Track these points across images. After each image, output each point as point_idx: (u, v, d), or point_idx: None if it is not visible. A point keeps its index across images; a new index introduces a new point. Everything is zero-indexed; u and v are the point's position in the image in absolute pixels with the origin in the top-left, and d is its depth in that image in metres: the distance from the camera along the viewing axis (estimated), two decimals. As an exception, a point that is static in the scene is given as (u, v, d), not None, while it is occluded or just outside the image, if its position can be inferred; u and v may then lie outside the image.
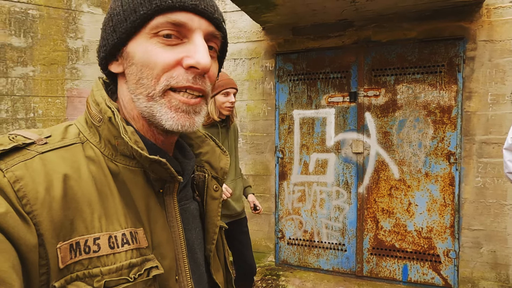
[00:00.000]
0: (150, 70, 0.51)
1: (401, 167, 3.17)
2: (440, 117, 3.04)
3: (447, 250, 3.05)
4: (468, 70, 2.96)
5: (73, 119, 3.21)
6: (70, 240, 0.45)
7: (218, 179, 0.68)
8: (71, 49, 3.20)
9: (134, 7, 0.51)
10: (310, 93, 3.45)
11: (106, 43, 0.55)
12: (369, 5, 2.89)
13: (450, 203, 3.03)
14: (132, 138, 0.51)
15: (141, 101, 0.53)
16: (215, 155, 0.69)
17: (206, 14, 0.52)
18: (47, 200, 0.44)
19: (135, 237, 0.50)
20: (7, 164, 0.44)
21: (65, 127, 0.55)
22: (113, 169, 0.52)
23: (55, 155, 0.48)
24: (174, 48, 0.51)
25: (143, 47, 0.51)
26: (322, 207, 3.45)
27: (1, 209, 0.40)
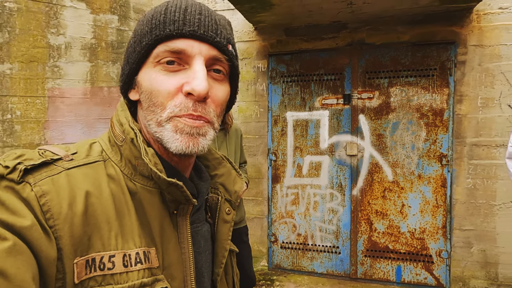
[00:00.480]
0: (155, 98, 0.53)
1: (395, 169, 3.19)
2: (432, 119, 3.09)
3: (439, 250, 3.11)
4: (459, 74, 3.02)
5: (54, 121, 3.00)
6: (86, 256, 0.46)
7: (231, 202, 0.68)
8: (52, 46, 2.98)
9: (140, 38, 0.55)
10: (303, 95, 3.41)
11: (123, 73, 0.59)
12: (365, 8, 2.88)
13: (442, 204, 3.09)
14: (152, 160, 0.52)
15: (152, 126, 0.55)
16: (231, 177, 0.69)
17: (205, 38, 0.53)
18: (69, 216, 0.45)
19: (147, 256, 0.51)
20: (35, 179, 0.46)
21: (89, 144, 0.57)
22: (132, 188, 0.54)
23: (79, 171, 0.50)
24: (176, 75, 0.53)
25: (148, 76, 0.54)
26: (316, 209, 3.42)
27: (28, 222, 0.42)
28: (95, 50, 3.20)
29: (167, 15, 0.53)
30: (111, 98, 3.33)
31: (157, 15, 0.54)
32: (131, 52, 0.57)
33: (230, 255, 0.71)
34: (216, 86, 0.56)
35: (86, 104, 3.18)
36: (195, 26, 0.53)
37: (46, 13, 2.94)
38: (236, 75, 0.62)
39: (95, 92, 3.22)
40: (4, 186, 0.44)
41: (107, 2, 3.25)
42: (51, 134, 2.99)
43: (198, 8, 0.54)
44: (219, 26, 0.55)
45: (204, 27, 0.53)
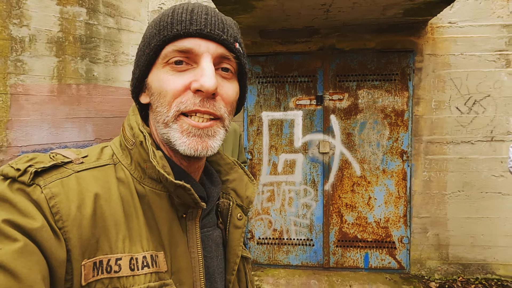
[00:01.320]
0: (163, 97, 0.54)
1: (362, 165, 3.48)
2: (395, 119, 3.43)
3: (401, 237, 3.47)
4: (416, 79, 3.40)
5: (18, 120, 2.74)
6: (94, 258, 0.46)
7: (243, 208, 0.68)
8: (15, 38, 2.71)
9: (149, 40, 0.56)
10: (278, 96, 3.55)
11: (133, 77, 0.60)
12: (339, 15, 3.10)
13: (403, 195, 3.45)
14: (160, 163, 0.53)
15: (160, 128, 0.56)
16: (242, 183, 0.69)
17: (212, 37, 0.54)
18: (78, 218, 0.46)
19: (155, 260, 0.51)
20: (46, 181, 0.47)
21: (101, 148, 0.58)
22: (140, 191, 0.54)
23: (89, 174, 0.51)
24: (183, 74, 0.54)
25: (157, 77, 0.55)
26: (291, 205, 3.59)
27: (38, 224, 0.43)
28: (62, 44, 2.98)
29: (174, 17, 0.54)
30: (80, 96, 3.12)
31: (165, 17, 0.55)
32: (140, 55, 0.57)
33: (243, 261, 0.70)
34: (224, 84, 0.57)
35: (53, 102, 2.95)
36: (201, 25, 0.53)
37: (7, 1, 2.66)
38: (244, 73, 0.62)
39: (63, 90, 3.00)
40: (16, 188, 0.45)
41: (74, -7, 3.04)
42: (14, 134, 2.73)
43: (205, 9, 0.55)
44: (225, 25, 0.56)
45: (211, 25, 0.54)
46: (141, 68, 0.56)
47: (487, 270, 3.38)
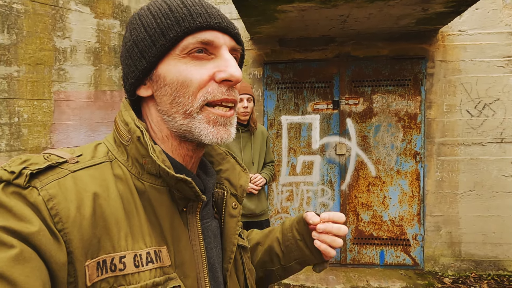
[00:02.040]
0: (186, 88, 0.53)
1: (377, 166, 3.66)
2: (408, 122, 3.61)
3: (415, 234, 3.63)
4: (428, 84, 3.58)
5: (60, 124, 2.98)
6: (97, 258, 0.46)
7: (237, 197, 0.68)
8: (58, 49, 2.96)
9: (162, 31, 0.53)
10: (297, 100, 3.76)
11: (135, 69, 0.56)
12: (355, 25, 3.31)
13: (416, 194, 3.62)
14: (160, 157, 0.52)
15: (178, 119, 0.55)
16: (235, 172, 0.70)
17: (228, 30, 0.57)
18: (78, 218, 0.45)
19: (159, 255, 0.51)
20: (42, 183, 0.45)
21: (94, 145, 0.57)
22: (139, 187, 0.53)
23: (86, 173, 0.50)
24: (205, 64, 0.55)
25: (176, 68, 0.54)
26: (309, 204, 3.77)
27: (34, 228, 0.42)
28: (98, 54, 3.23)
29: (190, 8, 0.54)
30: (113, 102, 3.36)
31: (178, 8, 0.54)
32: (147, 46, 0.54)
33: (240, 250, 0.71)
34: None
35: (90, 107, 3.19)
36: (219, 19, 0.55)
37: (52, 16, 2.92)
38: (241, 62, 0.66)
39: (99, 96, 3.24)
40: (11, 192, 0.44)
41: (109, 7, 3.29)
42: (57, 137, 2.97)
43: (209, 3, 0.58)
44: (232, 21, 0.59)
45: (225, 20, 0.57)
46: (150, 59, 0.54)
47: (499, 267, 3.52)
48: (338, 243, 0.72)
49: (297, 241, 0.79)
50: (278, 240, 0.82)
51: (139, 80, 0.57)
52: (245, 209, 2.44)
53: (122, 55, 0.59)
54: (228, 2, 3.75)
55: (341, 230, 0.72)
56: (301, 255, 0.79)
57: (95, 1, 3.17)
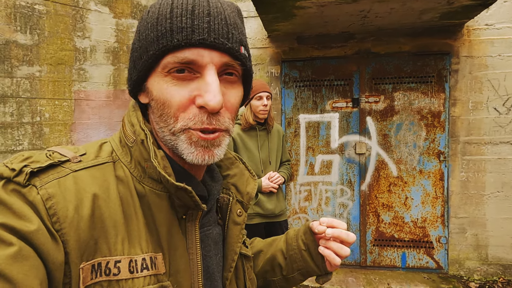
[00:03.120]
0: (167, 108, 0.51)
1: (399, 166, 3.55)
2: (431, 121, 3.49)
3: (439, 236, 3.50)
4: (453, 81, 3.45)
5: (80, 123, 3.02)
6: (92, 261, 0.45)
7: (243, 204, 0.66)
8: (78, 49, 3.00)
9: (146, 46, 0.51)
10: (315, 99, 3.69)
11: (130, 78, 0.56)
12: (376, 20, 3.22)
13: (440, 195, 3.49)
14: (161, 163, 0.51)
15: (165, 134, 0.53)
16: (243, 178, 0.68)
17: (216, 46, 0.50)
18: (76, 219, 0.45)
19: (154, 262, 0.50)
20: (42, 181, 0.45)
21: (99, 145, 0.56)
22: (140, 191, 0.52)
23: (87, 173, 0.49)
24: (187, 84, 0.51)
25: (158, 85, 0.52)
26: (328, 205, 3.70)
27: (34, 226, 0.41)
28: (117, 53, 3.25)
29: (173, 21, 0.49)
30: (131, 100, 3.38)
31: (163, 20, 0.50)
32: (137, 57, 0.54)
33: (242, 259, 0.69)
34: (229, 92, 0.54)
35: (109, 106, 3.22)
36: (204, 33, 0.49)
37: (72, 16, 2.96)
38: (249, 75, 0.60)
39: (117, 95, 3.27)
40: (11, 189, 0.43)
41: (128, 6, 3.31)
42: (77, 136, 3.01)
43: (207, 7, 0.50)
44: (230, 28, 0.51)
45: (214, 32, 0.49)
46: (139, 73, 0.53)
47: (529, 272, 3.35)
48: (345, 252, 0.68)
49: (301, 251, 0.76)
50: (281, 250, 0.80)
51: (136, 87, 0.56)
52: (264, 210, 2.40)
53: None
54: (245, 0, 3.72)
55: (349, 236, 0.68)
56: (304, 266, 0.76)
57: (114, 1, 3.20)
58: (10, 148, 2.64)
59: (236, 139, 2.35)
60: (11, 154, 2.63)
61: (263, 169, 2.43)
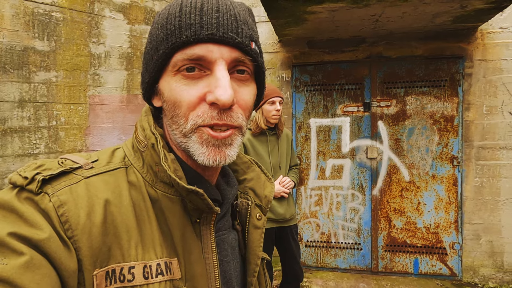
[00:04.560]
0: (178, 109, 0.51)
1: (411, 170, 3.52)
2: (444, 125, 3.45)
3: (452, 243, 3.45)
4: (466, 85, 3.41)
5: (94, 127, 3.07)
6: (106, 267, 0.45)
7: (262, 208, 0.66)
8: (93, 55, 3.06)
9: (157, 45, 0.51)
10: (326, 103, 3.68)
11: (143, 81, 0.56)
12: (388, 24, 3.21)
13: (454, 201, 3.44)
14: (172, 166, 0.50)
15: (177, 136, 0.53)
16: (260, 182, 0.67)
17: (225, 41, 0.49)
18: (88, 226, 0.45)
19: (169, 267, 0.50)
20: (54, 189, 0.45)
21: (112, 150, 0.56)
22: (153, 195, 0.52)
23: (99, 179, 0.49)
24: (197, 83, 0.50)
25: (169, 85, 0.51)
26: (339, 209, 3.68)
27: (45, 234, 0.41)
28: (131, 59, 3.31)
29: (182, 18, 0.49)
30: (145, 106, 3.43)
31: (172, 18, 0.50)
32: (148, 59, 0.54)
33: (263, 263, 0.69)
34: (241, 89, 0.53)
35: (123, 111, 3.27)
36: (213, 29, 0.48)
37: (88, 23, 3.03)
38: (262, 72, 0.58)
39: (131, 100, 3.32)
40: (24, 197, 0.44)
41: (142, 13, 3.38)
42: (91, 140, 3.06)
43: (216, 4, 0.50)
44: (239, 23, 0.51)
45: (223, 27, 0.49)
46: (151, 74, 0.53)
47: (547, 280, 3.27)
48: None
49: None
50: None
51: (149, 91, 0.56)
52: (275, 214, 2.40)
53: None
54: (257, 4, 3.75)
55: None
56: None
57: (128, 7, 3.26)
58: (27, 152, 2.71)
59: (247, 144, 2.37)
60: (28, 158, 2.70)
61: (273, 174, 2.44)
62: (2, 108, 2.58)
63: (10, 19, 2.60)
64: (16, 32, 2.64)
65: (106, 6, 3.12)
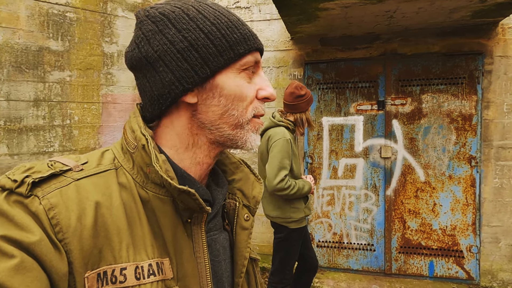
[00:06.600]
0: (241, 102, 0.56)
1: (427, 171, 3.42)
2: (462, 124, 3.33)
3: (470, 245, 3.34)
4: (486, 82, 3.28)
5: (107, 126, 3.11)
6: (97, 270, 0.45)
7: (250, 208, 0.66)
8: (106, 54, 3.10)
9: (230, 44, 0.54)
10: (339, 101, 3.62)
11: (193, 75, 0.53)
12: (402, 21, 3.12)
13: (471, 202, 3.33)
14: (163, 167, 0.51)
15: (225, 129, 0.56)
16: (249, 182, 0.68)
17: (262, 51, 0.61)
18: (78, 228, 0.45)
19: (161, 268, 0.50)
20: (44, 191, 0.45)
21: (101, 152, 0.57)
22: (144, 196, 0.53)
23: (89, 181, 0.49)
24: (252, 82, 0.58)
25: (234, 81, 0.55)
26: (351, 209, 3.62)
27: (35, 237, 0.41)
28: (143, 58, 3.34)
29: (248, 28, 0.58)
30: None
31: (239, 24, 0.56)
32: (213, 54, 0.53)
33: (252, 263, 0.69)
34: None
35: (135, 109, 3.30)
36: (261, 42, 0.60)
37: (101, 22, 3.07)
38: None
39: (143, 98, 3.35)
40: (13, 200, 0.44)
41: (154, 12, 3.39)
42: (104, 138, 3.11)
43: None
44: None
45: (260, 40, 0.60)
46: (214, 69, 0.54)
47: None
48: None
49: None
50: None
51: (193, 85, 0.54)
52: (310, 211, 2.48)
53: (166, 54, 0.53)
54: (268, 2, 3.72)
55: None
56: None
57: (140, 7, 3.29)
58: (42, 150, 2.77)
59: (292, 144, 2.32)
60: (43, 156, 2.76)
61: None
62: (18, 107, 2.64)
63: (25, 20, 2.66)
64: (31, 33, 2.69)
65: (118, 5, 3.15)
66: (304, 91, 2.34)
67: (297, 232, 2.33)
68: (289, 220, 2.30)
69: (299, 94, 2.33)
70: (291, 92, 2.36)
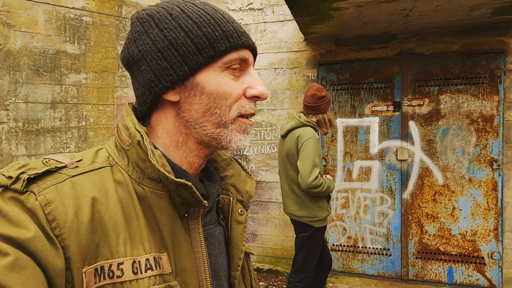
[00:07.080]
0: (224, 100, 0.55)
1: (445, 173, 3.31)
2: (482, 125, 3.21)
3: (491, 252, 3.20)
4: (508, 81, 3.16)
5: (122, 127, 3.15)
6: (95, 265, 0.45)
7: (244, 203, 0.68)
8: (121, 57, 3.15)
9: (210, 42, 0.54)
10: (353, 102, 3.56)
11: (172, 73, 0.54)
12: (419, 19, 3.04)
13: (493, 207, 3.20)
14: (160, 161, 0.52)
15: (208, 127, 0.56)
16: (241, 178, 0.69)
17: (254, 50, 0.60)
18: (75, 224, 0.45)
19: (158, 262, 0.50)
20: (40, 187, 0.45)
21: (95, 151, 0.57)
22: (140, 192, 0.53)
23: (85, 178, 0.49)
24: (238, 80, 0.57)
25: (216, 79, 0.55)
26: (366, 213, 3.54)
27: (30, 234, 0.41)
28: (157, 60, 3.37)
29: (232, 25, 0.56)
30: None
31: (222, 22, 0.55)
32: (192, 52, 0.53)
33: (246, 257, 0.70)
34: None
35: (149, 111, 3.34)
36: (250, 40, 0.59)
37: (116, 26, 3.12)
38: None
39: (157, 100, 3.39)
40: (8, 197, 0.44)
41: (167, 15, 3.43)
42: (119, 140, 3.15)
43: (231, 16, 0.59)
44: None
45: (251, 39, 0.60)
46: (193, 67, 0.54)
47: None
48: None
49: None
50: None
51: (172, 84, 0.55)
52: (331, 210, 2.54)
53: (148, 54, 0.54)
54: (282, 3, 3.70)
55: None
56: None
57: (154, 10, 3.33)
58: (59, 151, 2.82)
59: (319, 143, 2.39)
60: (59, 156, 2.82)
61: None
62: (36, 109, 2.71)
63: (43, 24, 2.72)
64: (49, 37, 2.76)
65: (133, 9, 3.19)
66: (324, 93, 2.41)
67: (321, 231, 2.37)
68: (315, 219, 2.33)
69: (320, 95, 2.39)
70: (312, 94, 2.41)
